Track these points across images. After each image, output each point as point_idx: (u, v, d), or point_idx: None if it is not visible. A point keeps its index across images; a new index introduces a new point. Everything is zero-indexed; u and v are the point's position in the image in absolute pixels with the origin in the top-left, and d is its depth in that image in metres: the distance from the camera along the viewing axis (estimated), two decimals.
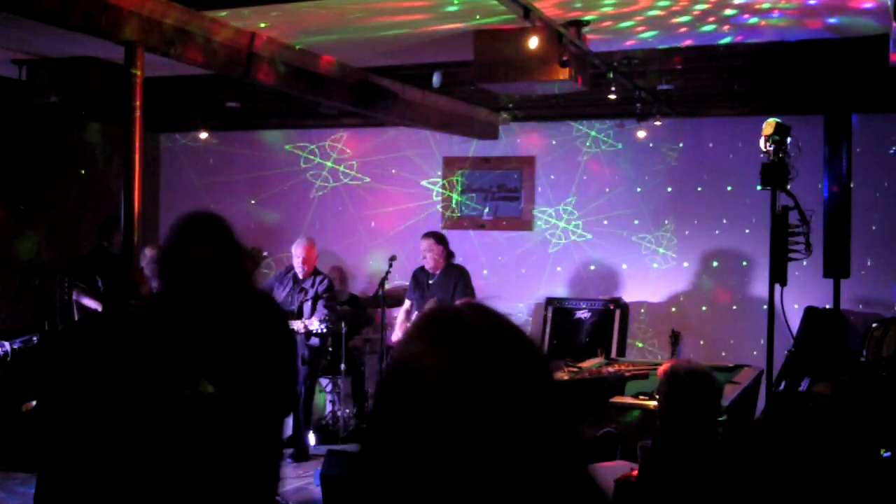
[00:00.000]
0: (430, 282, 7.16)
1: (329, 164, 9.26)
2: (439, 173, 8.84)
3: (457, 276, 7.13)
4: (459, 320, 1.04)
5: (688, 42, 5.35)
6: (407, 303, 7.39)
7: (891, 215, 7.32)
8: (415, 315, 7.20)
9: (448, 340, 1.01)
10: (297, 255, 7.13)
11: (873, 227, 7.21)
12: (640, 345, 8.00)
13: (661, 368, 3.59)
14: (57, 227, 8.67)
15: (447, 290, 7.07)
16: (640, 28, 5.01)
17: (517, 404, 1.00)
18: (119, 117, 4.59)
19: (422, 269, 7.29)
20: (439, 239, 7.22)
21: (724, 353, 7.54)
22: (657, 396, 3.45)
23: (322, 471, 5.36)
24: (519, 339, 1.05)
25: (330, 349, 7.54)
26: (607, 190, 8.24)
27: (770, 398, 5.55)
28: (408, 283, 7.46)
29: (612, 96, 6.47)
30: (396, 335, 7.37)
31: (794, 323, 6.17)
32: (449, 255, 7.22)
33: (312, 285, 7.10)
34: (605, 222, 8.25)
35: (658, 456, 3.30)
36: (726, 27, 4.97)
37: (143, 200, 4.63)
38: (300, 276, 7.11)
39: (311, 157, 9.34)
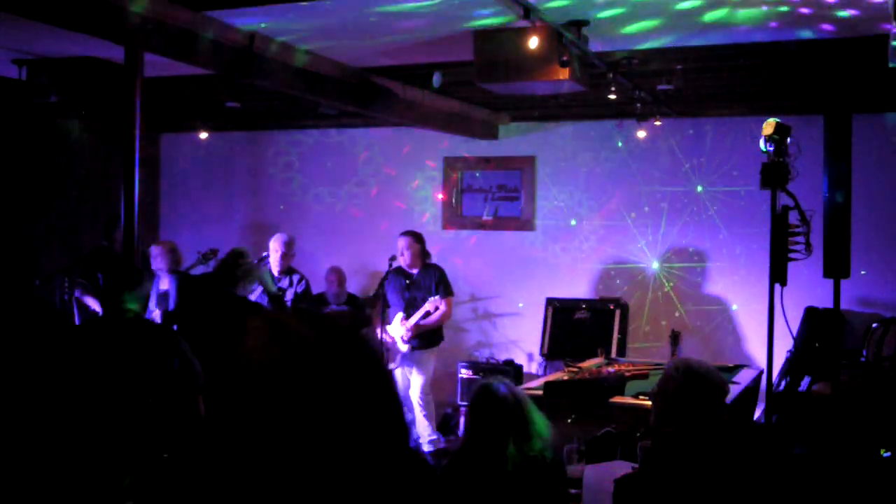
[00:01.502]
0: (408, 281, 7.18)
1: (329, 164, 9.26)
2: (439, 173, 8.85)
3: (437, 276, 7.19)
4: (280, 322, 1.21)
5: (687, 42, 5.35)
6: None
7: (891, 215, 7.32)
8: (398, 315, 7.18)
9: (275, 338, 1.18)
10: (274, 248, 7.06)
11: (873, 227, 7.21)
12: (641, 345, 8.00)
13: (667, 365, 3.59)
14: (57, 227, 8.67)
15: (428, 289, 7.12)
16: (641, 28, 5.01)
17: (338, 395, 1.15)
18: (119, 117, 4.59)
19: (398, 269, 7.27)
20: (417, 238, 7.24)
21: (724, 353, 7.54)
22: (654, 393, 3.45)
23: None
24: (336, 336, 1.21)
25: None
26: (607, 190, 8.24)
27: (770, 398, 5.55)
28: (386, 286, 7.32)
29: (612, 96, 6.47)
30: (397, 335, 7.30)
31: (794, 323, 6.17)
32: (425, 254, 7.24)
33: (290, 285, 7.06)
34: (606, 222, 8.25)
35: (659, 455, 3.29)
36: (725, 28, 4.97)
37: (143, 200, 4.64)
38: (275, 272, 7.06)
39: (311, 157, 9.34)
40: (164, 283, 6.88)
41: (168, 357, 3.77)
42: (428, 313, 7.06)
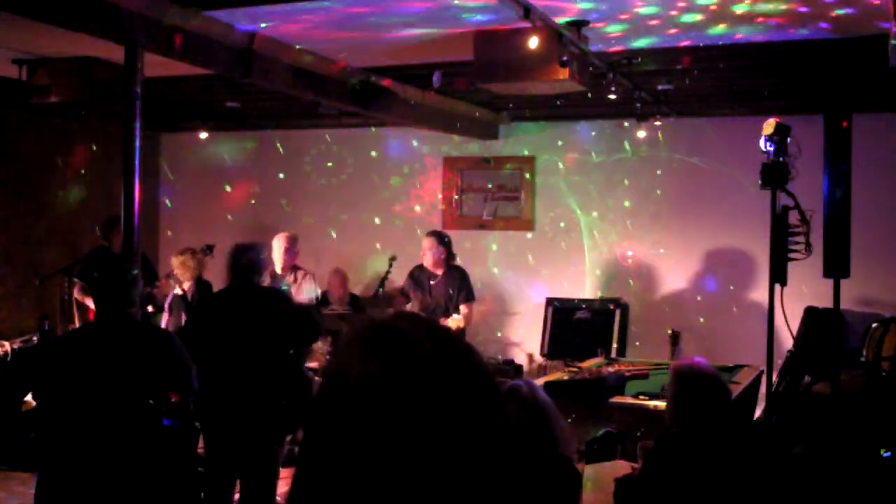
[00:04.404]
0: (432, 283, 7.09)
1: (329, 164, 9.26)
2: (439, 173, 8.84)
3: (459, 280, 7.03)
4: (391, 329, 1.05)
5: (687, 42, 5.35)
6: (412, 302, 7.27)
7: (891, 215, 7.32)
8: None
9: (380, 348, 1.02)
10: (277, 247, 6.99)
11: (873, 227, 7.20)
12: (641, 345, 7.99)
13: (673, 366, 3.61)
14: (57, 227, 8.67)
15: (449, 292, 7.01)
16: (641, 28, 5.01)
17: (451, 410, 1.00)
18: (119, 117, 4.59)
19: (420, 267, 7.20)
20: (442, 239, 7.11)
21: (724, 353, 7.52)
22: (665, 395, 3.47)
23: None
24: (454, 349, 1.06)
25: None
26: (607, 190, 8.24)
27: (770, 398, 5.55)
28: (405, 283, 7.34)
29: (612, 96, 6.47)
30: None
31: (794, 323, 6.17)
32: (450, 256, 7.13)
33: (295, 281, 7.02)
34: (605, 222, 8.25)
35: (661, 455, 3.30)
36: (727, 25, 4.97)
37: (143, 200, 4.63)
38: (279, 270, 7.03)
39: (312, 157, 9.34)
40: (180, 290, 6.85)
41: (162, 358, 3.77)
42: None
